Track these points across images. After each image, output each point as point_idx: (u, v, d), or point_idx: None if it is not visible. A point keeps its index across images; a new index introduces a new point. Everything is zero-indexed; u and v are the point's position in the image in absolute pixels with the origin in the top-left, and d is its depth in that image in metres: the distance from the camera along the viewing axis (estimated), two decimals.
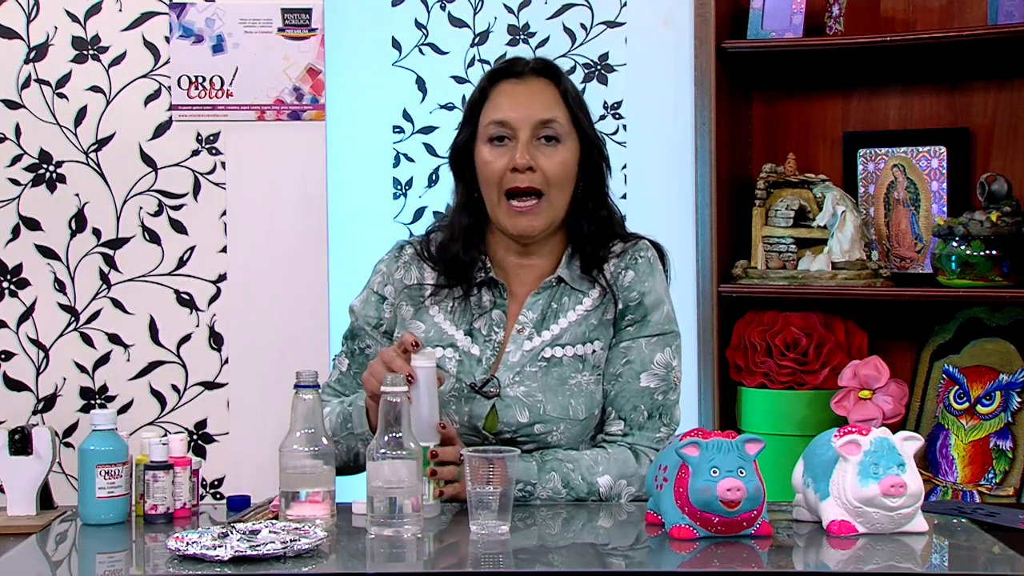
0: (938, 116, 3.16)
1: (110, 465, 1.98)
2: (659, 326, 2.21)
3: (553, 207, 2.18)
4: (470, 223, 2.23)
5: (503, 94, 2.20)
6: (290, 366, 2.28)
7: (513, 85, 2.20)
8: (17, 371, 3.07)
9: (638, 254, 2.23)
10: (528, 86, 2.20)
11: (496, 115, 2.18)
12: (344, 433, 2.14)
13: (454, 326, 2.21)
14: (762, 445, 1.80)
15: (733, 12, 3.20)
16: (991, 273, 2.90)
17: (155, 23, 3.07)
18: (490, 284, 2.23)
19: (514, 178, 2.15)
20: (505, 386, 2.15)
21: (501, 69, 2.24)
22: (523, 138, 2.16)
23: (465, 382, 2.17)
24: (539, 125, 2.17)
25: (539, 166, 2.15)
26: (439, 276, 2.24)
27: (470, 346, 2.19)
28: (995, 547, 1.84)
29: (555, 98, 2.20)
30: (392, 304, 2.26)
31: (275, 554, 1.72)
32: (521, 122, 2.16)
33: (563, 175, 2.18)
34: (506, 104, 2.18)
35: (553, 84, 2.21)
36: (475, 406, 2.15)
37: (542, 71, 2.22)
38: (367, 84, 3.31)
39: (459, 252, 2.22)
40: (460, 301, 2.22)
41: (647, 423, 2.17)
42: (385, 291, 2.27)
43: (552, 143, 2.17)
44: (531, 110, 2.17)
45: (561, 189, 2.18)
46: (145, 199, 3.08)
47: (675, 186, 3.24)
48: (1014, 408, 2.92)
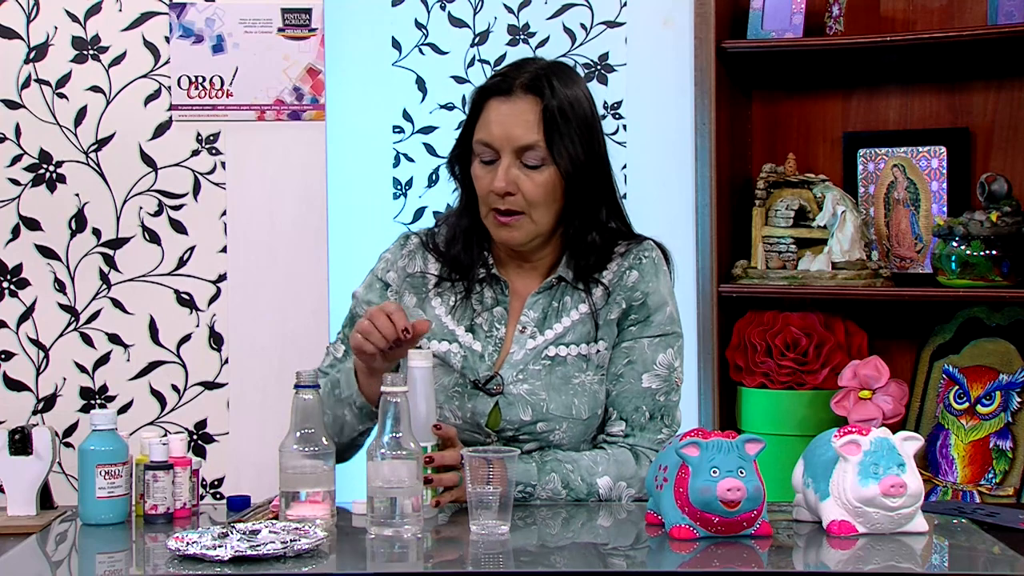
0: (938, 116, 3.16)
1: (110, 465, 1.98)
2: (662, 326, 2.21)
3: (536, 224, 2.17)
4: (470, 224, 2.23)
5: (491, 112, 2.16)
6: (290, 366, 2.29)
7: (500, 103, 2.16)
8: (17, 371, 3.07)
9: (643, 254, 2.23)
10: (513, 106, 2.15)
11: (482, 136, 2.17)
12: (331, 401, 2.14)
13: (455, 321, 2.22)
14: (762, 445, 1.80)
15: (733, 12, 3.20)
16: (991, 273, 2.90)
17: (155, 23, 3.07)
18: (492, 281, 2.24)
19: (495, 200, 2.15)
20: (508, 384, 2.15)
21: (490, 86, 2.19)
22: (504, 163, 2.14)
23: (469, 378, 2.17)
24: (520, 150, 2.15)
25: (520, 189, 2.14)
26: (442, 268, 2.24)
27: (472, 342, 2.20)
28: (995, 547, 1.84)
29: (539, 119, 2.14)
30: (396, 292, 2.26)
31: (275, 554, 1.72)
32: (503, 145, 2.14)
33: (544, 196, 2.15)
34: (492, 124, 2.15)
35: (539, 101, 2.15)
36: (478, 403, 2.15)
37: (531, 87, 2.15)
38: (367, 84, 3.31)
39: (459, 253, 2.22)
40: (462, 297, 2.22)
41: (648, 424, 2.17)
42: (388, 277, 2.27)
43: (534, 166, 2.15)
44: (513, 133, 2.14)
45: (543, 208, 2.16)
46: (145, 199, 3.08)
47: (675, 186, 3.24)
48: (1014, 408, 2.92)
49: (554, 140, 2.13)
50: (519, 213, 2.15)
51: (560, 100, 2.15)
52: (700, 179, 3.15)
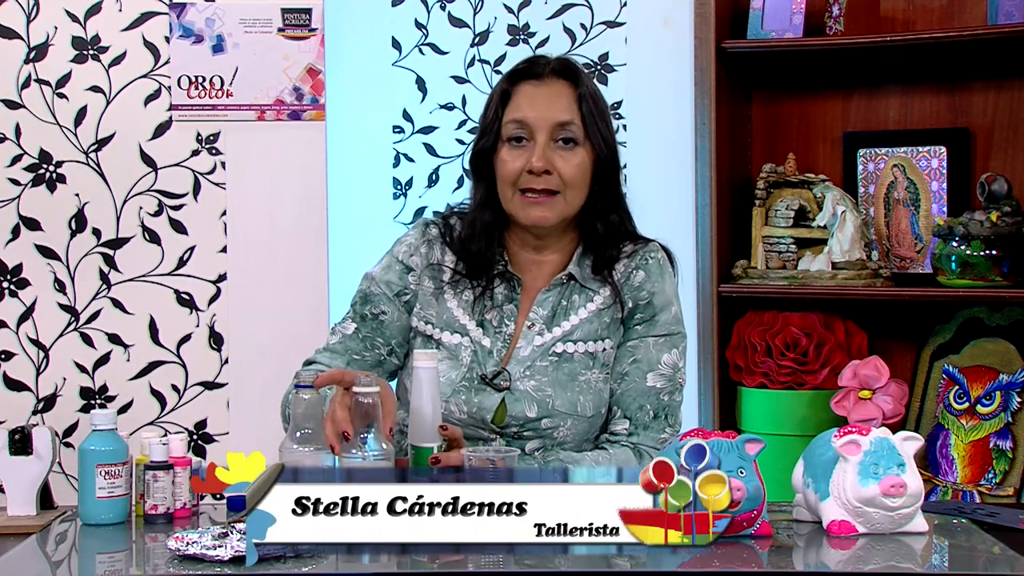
0: (938, 116, 3.16)
1: (110, 465, 1.98)
2: (667, 326, 2.22)
3: (568, 205, 2.20)
4: (492, 219, 2.24)
5: (523, 95, 2.20)
6: (290, 366, 2.28)
7: (533, 87, 2.21)
8: (17, 371, 3.07)
9: (649, 255, 2.25)
10: (547, 88, 2.21)
11: (515, 115, 2.19)
12: None
13: (467, 316, 2.22)
14: (762, 445, 1.80)
15: (733, 12, 3.20)
16: (991, 273, 2.90)
17: (155, 23, 3.08)
18: (505, 277, 2.24)
19: (530, 179, 2.17)
20: (515, 379, 2.16)
21: (521, 70, 2.24)
22: (540, 140, 2.17)
23: (477, 373, 2.17)
24: (557, 127, 2.17)
25: (556, 168, 2.17)
26: (458, 263, 2.25)
27: (481, 337, 2.21)
28: (995, 547, 1.84)
29: (573, 100, 2.19)
30: (417, 276, 2.26)
31: (275, 554, 1.71)
32: (539, 124, 2.17)
33: (579, 177, 2.19)
34: (525, 105, 2.19)
35: (572, 86, 2.21)
36: (485, 398, 2.16)
37: (562, 72, 2.22)
38: (367, 84, 3.31)
39: (482, 248, 2.23)
40: (478, 293, 2.23)
41: (652, 423, 2.18)
42: (411, 261, 2.27)
43: (570, 145, 2.18)
44: (549, 112, 2.17)
45: (577, 190, 2.19)
46: (145, 199, 3.08)
47: (675, 186, 3.24)
48: (1014, 408, 2.92)
49: (588, 121, 2.19)
50: (554, 193, 2.17)
51: (589, 87, 2.23)
52: (700, 179, 3.15)
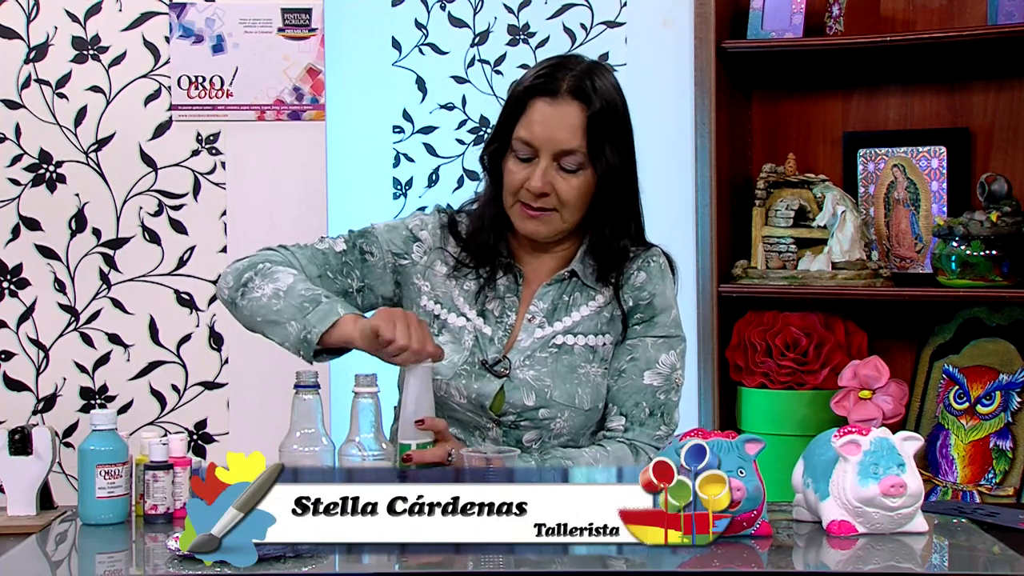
0: (938, 116, 3.16)
1: (110, 465, 1.98)
2: (666, 328, 2.23)
3: (564, 222, 2.20)
4: (497, 212, 2.25)
5: (535, 112, 2.17)
6: (290, 366, 2.28)
7: (546, 105, 2.17)
8: (17, 371, 3.07)
9: (651, 259, 2.27)
10: (559, 109, 2.16)
11: (523, 134, 2.18)
12: (287, 297, 2.10)
13: (467, 304, 2.23)
14: (762, 445, 1.80)
15: (733, 12, 3.20)
16: (991, 273, 2.90)
17: (155, 23, 3.08)
18: (507, 269, 2.25)
19: (529, 196, 2.17)
20: (515, 368, 2.17)
21: (538, 85, 2.19)
22: (543, 163, 2.16)
23: (478, 358, 2.18)
24: (560, 154, 2.17)
25: (555, 190, 2.17)
26: (461, 254, 2.26)
27: (482, 326, 2.21)
28: (995, 547, 1.84)
29: (582, 125, 2.16)
30: (422, 251, 2.26)
31: (275, 554, 1.71)
32: (544, 147, 2.16)
33: (578, 199, 2.18)
34: (535, 125, 2.17)
35: (585, 107, 2.17)
36: (484, 385, 2.17)
37: (576, 93, 2.17)
38: (367, 84, 3.31)
39: (489, 239, 2.24)
40: (480, 284, 2.24)
41: (648, 420, 2.19)
42: (421, 235, 2.27)
43: (572, 170, 2.17)
44: (556, 137, 2.15)
45: (574, 209, 2.19)
46: (145, 199, 3.08)
47: (675, 186, 3.24)
48: (1014, 408, 2.92)
49: (595, 147, 2.16)
50: (550, 210, 2.18)
51: (604, 107, 2.18)
52: (700, 179, 3.15)
